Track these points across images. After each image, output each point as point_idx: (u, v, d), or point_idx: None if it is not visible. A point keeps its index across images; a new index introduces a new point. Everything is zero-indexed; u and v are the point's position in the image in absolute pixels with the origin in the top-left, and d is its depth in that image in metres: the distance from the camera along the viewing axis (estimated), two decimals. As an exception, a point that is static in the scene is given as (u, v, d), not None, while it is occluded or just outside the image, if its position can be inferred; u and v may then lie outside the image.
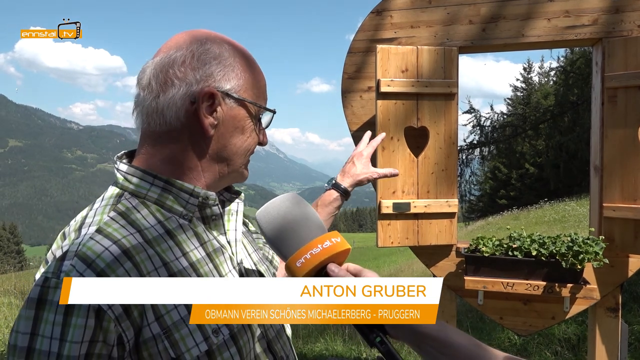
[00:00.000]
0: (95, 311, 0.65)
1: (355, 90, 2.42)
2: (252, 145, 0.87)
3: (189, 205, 0.80)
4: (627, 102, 2.03)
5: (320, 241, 0.74)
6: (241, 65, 0.82)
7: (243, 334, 0.79)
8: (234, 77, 0.81)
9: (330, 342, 4.76)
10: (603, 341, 2.17)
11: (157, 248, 0.74)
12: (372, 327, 0.72)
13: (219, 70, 0.79)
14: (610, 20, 2.13)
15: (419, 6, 2.31)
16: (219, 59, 0.80)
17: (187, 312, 0.72)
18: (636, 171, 2.02)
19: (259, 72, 0.86)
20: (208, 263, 0.80)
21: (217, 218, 0.85)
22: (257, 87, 0.84)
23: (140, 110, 0.80)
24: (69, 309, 0.64)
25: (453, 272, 2.35)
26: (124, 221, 0.75)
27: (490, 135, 8.38)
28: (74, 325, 0.64)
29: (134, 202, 0.78)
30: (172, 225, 0.78)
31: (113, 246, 0.70)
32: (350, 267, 0.77)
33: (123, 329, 0.67)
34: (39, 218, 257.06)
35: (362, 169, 1.30)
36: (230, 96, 0.80)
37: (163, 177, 0.79)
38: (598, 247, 2.00)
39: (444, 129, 2.23)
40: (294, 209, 0.78)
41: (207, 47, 0.80)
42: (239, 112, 0.82)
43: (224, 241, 0.86)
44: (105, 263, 0.67)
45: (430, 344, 0.68)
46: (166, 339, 0.70)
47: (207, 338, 0.73)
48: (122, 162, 0.83)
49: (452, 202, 2.25)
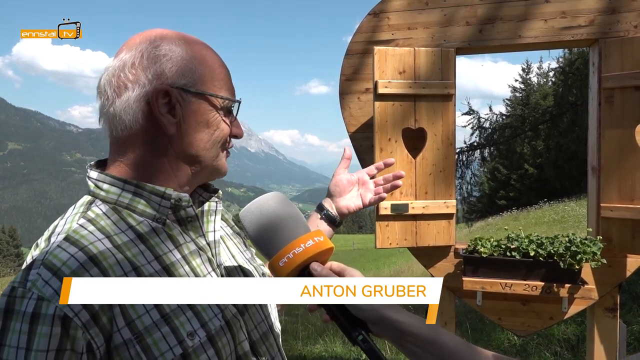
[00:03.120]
0: (60, 319, 0.63)
1: (353, 92, 2.43)
2: (222, 137, 0.84)
3: (162, 208, 0.79)
4: (624, 102, 2.03)
5: (303, 240, 0.74)
6: (196, 59, 0.80)
7: (222, 336, 0.78)
8: (189, 71, 0.78)
9: (329, 343, 4.76)
10: (601, 341, 2.17)
11: (127, 253, 0.73)
12: (354, 325, 0.72)
13: (171, 67, 0.77)
14: (607, 21, 2.13)
15: (416, 8, 2.31)
16: (170, 55, 0.78)
17: (159, 317, 0.71)
18: (633, 171, 2.02)
19: (218, 63, 0.83)
20: (184, 265, 0.79)
21: (193, 220, 0.83)
22: (217, 78, 0.82)
23: (103, 118, 0.80)
24: (35, 318, 0.63)
25: (451, 273, 2.35)
26: (93, 227, 0.74)
27: (490, 137, 8.39)
28: (40, 334, 0.62)
29: (104, 208, 0.77)
30: (144, 229, 0.77)
31: (79, 253, 0.69)
32: (333, 266, 0.77)
33: (92, 336, 0.65)
34: (38, 221, 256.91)
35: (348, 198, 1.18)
36: (187, 91, 0.78)
37: (133, 182, 0.78)
38: (596, 247, 2.00)
39: (441, 130, 2.23)
40: (277, 208, 0.77)
41: (157, 44, 0.78)
42: (200, 106, 0.79)
43: (203, 243, 0.84)
44: (70, 270, 0.67)
45: (412, 341, 0.69)
46: (138, 344, 0.68)
47: (182, 341, 0.72)
48: (92, 170, 0.82)
49: (450, 203, 2.25)
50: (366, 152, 2.40)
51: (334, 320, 0.74)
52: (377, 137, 2.20)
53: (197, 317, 0.75)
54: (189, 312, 0.75)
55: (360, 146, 2.43)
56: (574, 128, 8.23)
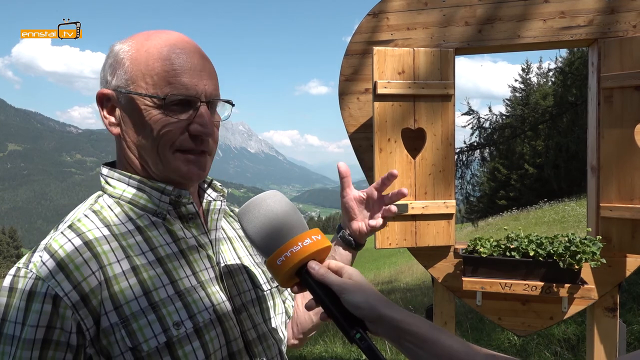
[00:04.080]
0: (52, 297, 0.68)
1: (353, 92, 2.43)
2: (165, 137, 0.79)
3: (162, 204, 0.82)
4: (623, 102, 2.03)
5: (300, 239, 0.74)
6: (135, 59, 0.79)
7: (210, 329, 0.78)
8: (122, 72, 0.80)
9: (329, 343, 4.76)
10: (601, 341, 2.17)
11: (123, 242, 0.77)
12: (352, 324, 0.72)
13: (112, 70, 0.81)
14: (606, 21, 2.14)
15: (415, 8, 2.32)
16: (113, 58, 0.82)
17: (147, 304, 0.73)
18: (633, 171, 2.02)
19: (158, 58, 0.78)
20: (180, 259, 0.81)
21: (194, 216, 0.85)
22: (153, 74, 0.78)
23: None
24: (30, 295, 0.69)
25: (451, 273, 2.35)
26: (95, 217, 0.79)
27: (490, 137, 8.38)
28: (33, 310, 0.68)
29: (109, 201, 0.83)
30: (143, 223, 0.81)
31: (76, 238, 0.74)
32: (331, 264, 0.77)
33: (81, 317, 0.69)
34: (38, 222, 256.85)
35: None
36: (121, 92, 0.80)
37: (137, 177, 0.83)
38: (595, 247, 2.00)
39: (441, 130, 2.23)
40: (275, 207, 0.77)
41: (111, 48, 0.83)
42: (134, 106, 0.80)
43: (205, 240, 0.86)
44: (65, 253, 0.72)
45: (410, 340, 0.69)
46: (123, 328, 0.71)
47: (167, 330, 0.73)
48: (104, 167, 0.88)
49: (449, 203, 2.26)
50: (366, 153, 2.41)
51: (331, 319, 0.74)
52: (377, 138, 2.21)
53: (186, 308, 0.77)
54: (178, 302, 0.76)
55: (360, 146, 2.43)
56: (573, 128, 8.22)
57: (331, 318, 0.74)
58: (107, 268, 0.73)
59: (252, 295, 0.91)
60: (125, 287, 0.73)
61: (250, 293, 0.91)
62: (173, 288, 0.77)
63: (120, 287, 0.72)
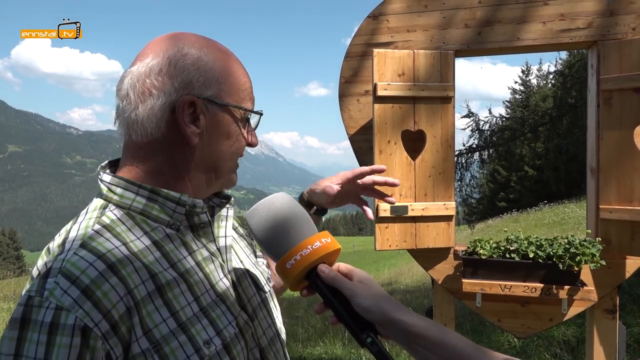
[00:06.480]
0: (81, 329, 0.62)
1: (352, 94, 2.43)
2: (240, 149, 0.84)
3: (176, 215, 0.77)
4: (623, 104, 2.04)
5: (310, 242, 0.73)
6: (222, 69, 0.78)
7: (236, 343, 0.77)
8: (215, 82, 0.77)
9: (329, 345, 4.76)
10: (601, 343, 2.18)
11: (144, 260, 0.72)
12: (363, 328, 0.71)
13: (199, 77, 0.76)
14: (605, 23, 2.14)
15: (415, 10, 2.32)
16: (198, 64, 0.76)
17: (176, 325, 0.70)
18: (632, 173, 2.03)
19: (242, 73, 0.82)
20: (198, 272, 0.78)
21: (205, 226, 0.82)
22: (240, 89, 0.81)
23: (121, 120, 0.78)
24: (53, 328, 0.61)
25: (451, 274, 2.35)
26: (109, 234, 0.72)
27: (490, 139, 8.39)
28: (59, 345, 0.61)
29: (118, 213, 0.76)
30: (159, 236, 0.76)
31: (98, 261, 0.67)
32: (341, 267, 0.76)
33: (111, 346, 0.64)
34: (38, 223, 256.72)
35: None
36: (213, 102, 0.77)
37: (147, 187, 0.77)
38: (595, 249, 2.00)
39: (440, 132, 2.24)
40: (284, 209, 0.76)
41: (185, 52, 0.76)
42: (223, 118, 0.79)
43: (214, 249, 0.84)
44: (90, 279, 0.65)
45: (421, 344, 0.68)
46: (155, 353, 0.67)
47: (199, 350, 0.71)
48: (105, 173, 0.80)
49: (449, 204, 2.26)
50: (366, 154, 2.41)
51: (341, 323, 0.73)
52: (377, 139, 2.21)
53: (212, 325, 0.75)
54: (204, 320, 0.74)
55: (360, 148, 2.44)
56: (573, 130, 8.23)
57: (341, 322, 0.73)
58: (135, 291, 0.68)
59: (258, 299, 0.90)
60: (152, 310, 0.69)
61: (255, 297, 0.90)
62: (197, 305, 0.75)
63: (148, 311, 0.69)
